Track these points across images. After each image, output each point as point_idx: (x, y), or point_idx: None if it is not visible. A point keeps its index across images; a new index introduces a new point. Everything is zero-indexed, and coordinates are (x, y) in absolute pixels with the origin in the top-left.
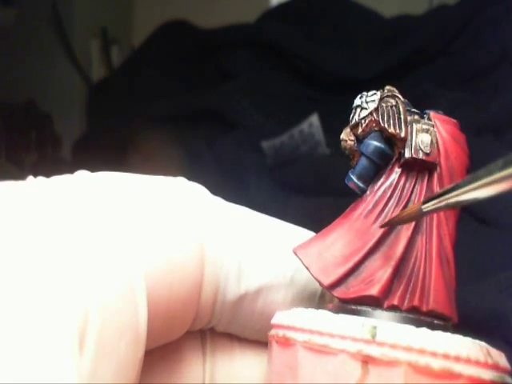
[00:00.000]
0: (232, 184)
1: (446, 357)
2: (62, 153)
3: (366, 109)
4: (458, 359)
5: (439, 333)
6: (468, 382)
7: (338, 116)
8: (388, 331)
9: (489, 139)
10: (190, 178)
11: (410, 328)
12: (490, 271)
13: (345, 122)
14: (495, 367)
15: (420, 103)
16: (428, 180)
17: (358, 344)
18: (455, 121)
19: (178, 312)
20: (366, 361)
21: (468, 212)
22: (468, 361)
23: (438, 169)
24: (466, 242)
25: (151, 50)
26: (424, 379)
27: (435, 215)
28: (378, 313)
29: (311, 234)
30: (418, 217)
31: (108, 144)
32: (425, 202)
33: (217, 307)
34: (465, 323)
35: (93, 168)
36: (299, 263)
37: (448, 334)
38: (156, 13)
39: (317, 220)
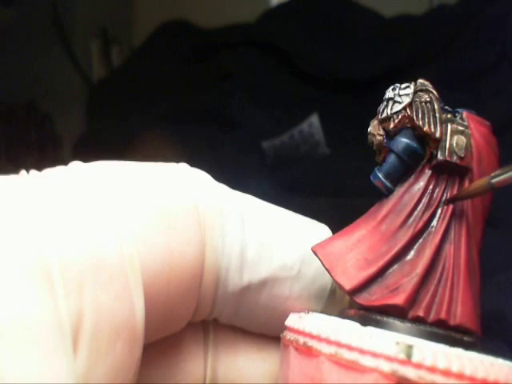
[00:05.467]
0: (232, 184)
1: (484, 383)
2: (62, 153)
3: (399, 103)
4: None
5: (475, 354)
6: None
7: (337, 116)
8: (425, 352)
9: None
10: None
11: (446, 348)
12: (489, 271)
13: (345, 122)
14: None
15: None
16: (459, 185)
17: (392, 364)
18: (488, 123)
19: (177, 303)
20: (401, 382)
21: None
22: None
23: (470, 174)
24: None
25: (151, 50)
26: None
27: (465, 222)
28: (403, 325)
29: (321, 226)
30: (485, 191)
31: (108, 144)
32: (493, 177)
33: (218, 298)
34: None
35: None
36: (307, 255)
37: (484, 357)
38: (156, 13)
39: (317, 220)
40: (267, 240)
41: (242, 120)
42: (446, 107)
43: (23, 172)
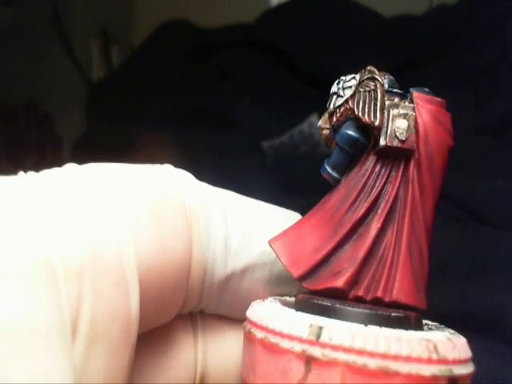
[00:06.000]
0: (232, 184)
1: (384, 356)
2: (62, 153)
3: (341, 96)
4: (396, 358)
5: (386, 331)
6: (406, 380)
7: None
8: (333, 332)
9: (489, 139)
10: None
11: (357, 327)
12: (490, 271)
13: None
14: (441, 362)
15: None
16: (404, 166)
17: (303, 345)
18: (439, 99)
19: (168, 295)
20: (309, 361)
21: (468, 212)
22: (408, 359)
23: (416, 154)
24: (466, 242)
25: (151, 50)
26: (360, 379)
27: (410, 200)
28: (341, 308)
29: (296, 214)
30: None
31: (108, 144)
32: None
33: (205, 289)
34: (465, 323)
35: None
36: None
37: (396, 332)
38: (156, 13)
39: None
40: (248, 230)
41: (242, 120)
42: (396, 90)
43: (21, 173)
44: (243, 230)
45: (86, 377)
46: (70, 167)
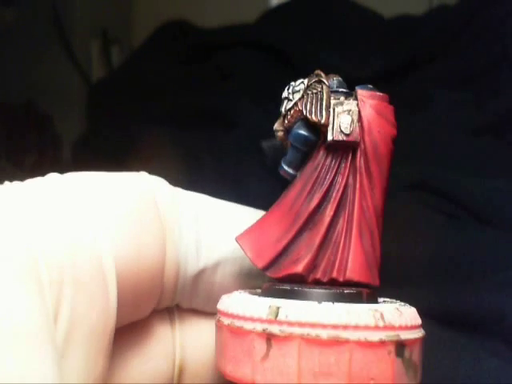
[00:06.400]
0: (232, 184)
1: (334, 327)
2: (62, 153)
3: (291, 100)
4: (346, 327)
5: (338, 305)
6: (356, 346)
7: None
8: (289, 310)
9: (489, 139)
10: (190, 177)
11: (311, 304)
12: (490, 271)
13: None
14: (388, 328)
15: (420, 103)
16: (352, 157)
17: (263, 324)
18: (381, 94)
19: (144, 290)
20: (269, 338)
21: (468, 212)
22: (356, 327)
23: (362, 145)
24: (465, 242)
25: (151, 50)
26: (315, 349)
27: (358, 188)
28: (298, 290)
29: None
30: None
31: (108, 144)
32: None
33: (179, 284)
34: (465, 323)
35: (93, 168)
36: None
37: (347, 305)
38: (156, 13)
39: None
40: (218, 229)
41: (242, 120)
42: (342, 90)
43: (7, 182)
44: (214, 228)
45: (67, 359)
46: (52, 176)
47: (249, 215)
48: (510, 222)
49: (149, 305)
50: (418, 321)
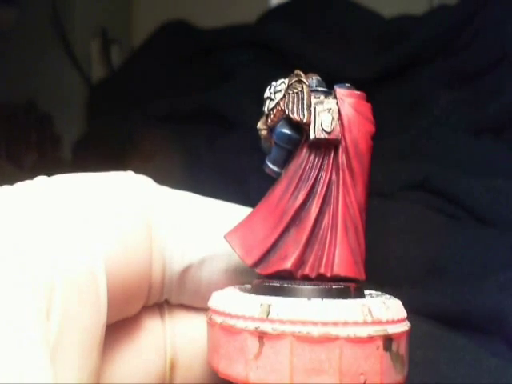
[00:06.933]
0: (232, 184)
1: (324, 324)
2: (62, 153)
3: (273, 100)
4: (336, 324)
5: (327, 301)
6: (346, 342)
7: None
8: (280, 308)
9: (489, 139)
10: (190, 177)
11: (301, 301)
12: (490, 271)
13: None
14: (376, 323)
15: (420, 103)
16: (334, 154)
17: (255, 323)
18: (359, 92)
19: (133, 287)
20: (262, 336)
21: (468, 212)
22: (345, 323)
23: (343, 142)
24: (466, 242)
25: (151, 50)
26: (306, 346)
27: (342, 184)
28: (288, 286)
29: (250, 210)
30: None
31: (108, 144)
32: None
33: (166, 281)
34: (465, 323)
35: (93, 168)
36: None
37: (336, 301)
38: (156, 13)
39: None
40: (204, 226)
41: (242, 120)
42: (321, 89)
43: None
44: (199, 225)
45: (60, 358)
46: (40, 179)
47: (235, 212)
48: (510, 223)
49: (138, 301)
50: (404, 314)
